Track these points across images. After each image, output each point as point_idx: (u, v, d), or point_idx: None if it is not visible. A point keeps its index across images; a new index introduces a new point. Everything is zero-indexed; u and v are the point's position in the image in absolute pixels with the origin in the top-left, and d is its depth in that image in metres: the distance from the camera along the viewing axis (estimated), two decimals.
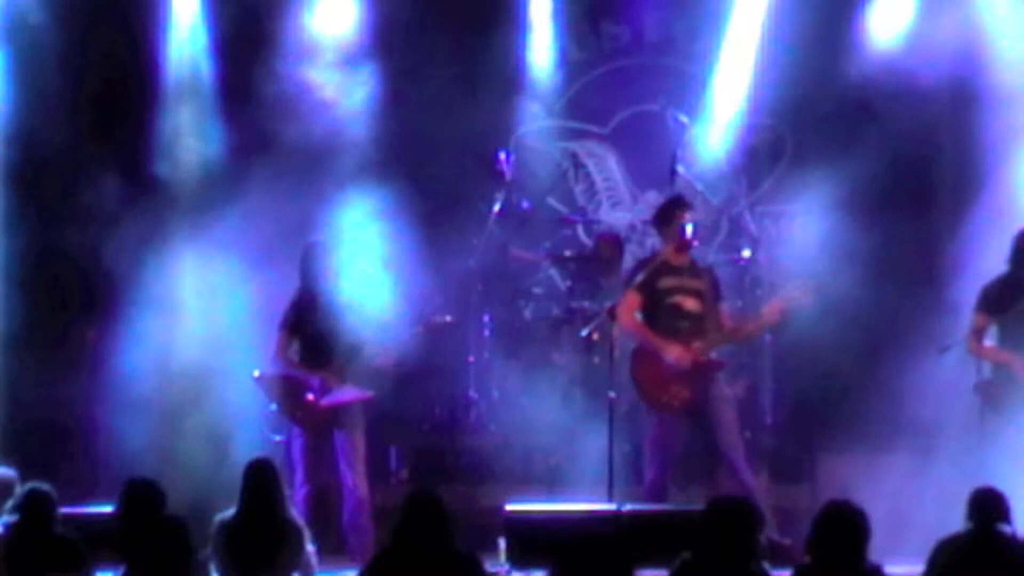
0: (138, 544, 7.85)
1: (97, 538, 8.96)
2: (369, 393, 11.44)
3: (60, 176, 13.08)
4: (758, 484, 11.47)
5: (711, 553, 7.39)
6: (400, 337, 11.53)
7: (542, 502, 11.03)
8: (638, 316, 11.37)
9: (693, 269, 11.46)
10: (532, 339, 13.45)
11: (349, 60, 13.55)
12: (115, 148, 13.18)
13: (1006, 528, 8.26)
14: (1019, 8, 13.25)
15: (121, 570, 7.94)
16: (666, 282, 11.36)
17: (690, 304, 11.35)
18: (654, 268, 11.40)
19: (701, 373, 11.22)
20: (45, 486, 8.95)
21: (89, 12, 13.19)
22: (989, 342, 11.24)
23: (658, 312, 11.35)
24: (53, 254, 12.92)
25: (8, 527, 8.87)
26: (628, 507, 10.62)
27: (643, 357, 11.34)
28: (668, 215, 11.50)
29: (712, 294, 11.42)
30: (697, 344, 11.24)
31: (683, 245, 11.39)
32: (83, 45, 13.19)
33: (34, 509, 8.86)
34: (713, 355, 11.28)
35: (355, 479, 11.29)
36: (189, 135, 13.40)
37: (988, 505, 8.26)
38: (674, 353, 11.20)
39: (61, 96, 13.10)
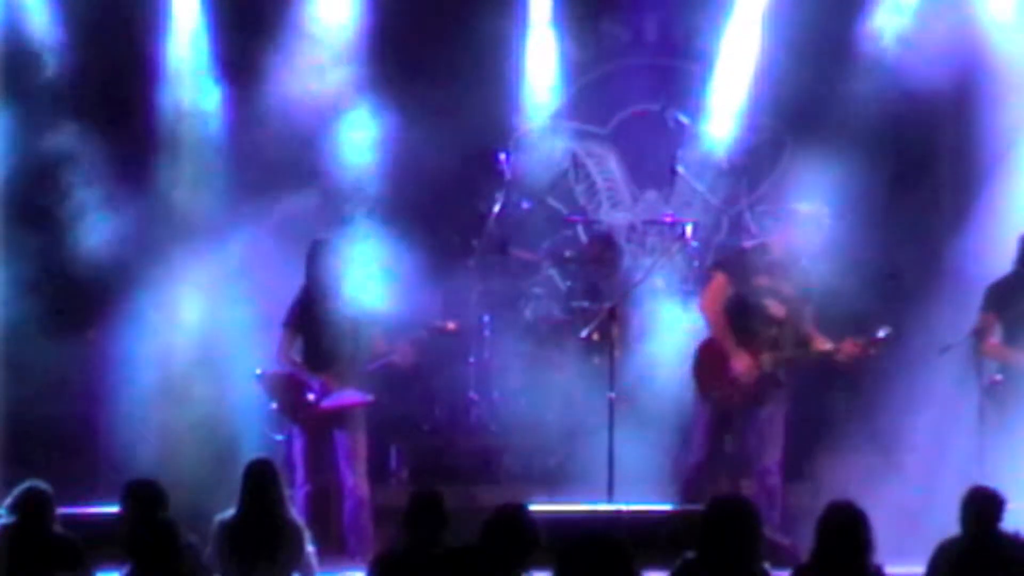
0: (140, 544, 7.87)
1: (98, 538, 8.96)
2: (369, 397, 11.43)
3: (62, 178, 13.07)
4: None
5: (712, 553, 7.39)
6: (402, 340, 11.54)
7: (542, 502, 11.02)
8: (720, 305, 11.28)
9: (790, 271, 11.25)
10: (532, 339, 13.44)
11: (348, 60, 13.55)
12: (117, 151, 13.17)
13: (1006, 529, 8.25)
14: (1019, 8, 13.25)
15: (125, 570, 7.96)
16: (760, 280, 11.22)
17: (775, 309, 11.21)
18: (754, 261, 11.27)
19: (760, 387, 11.17)
20: (42, 485, 8.93)
21: (91, 21, 13.19)
22: (994, 341, 11.25)
23: (741, 308, 11.24)
24: (54, 255, 12.92)
25: (5, 527, 8.85)
26: (629, 508, 10.63)
27: (711, 348, 11.27)
28: (794, 213, 11.36)
29: (802, 299, 11.24)
30: (767, 357, 11.17)
31: (786, 248, 11.25)
32: (83, 49, 13.20)
33: (31, 508, 8.83)
34: (779, 376, 11.18)
35: (355, 479, 11.29)
36: (190, 138, 13.41)
37: (984, 505, 8.25)
38: (741, 365, 11.13)
39: (62, 99, 13.11)
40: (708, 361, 11.26)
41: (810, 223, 11.29)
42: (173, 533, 7.96)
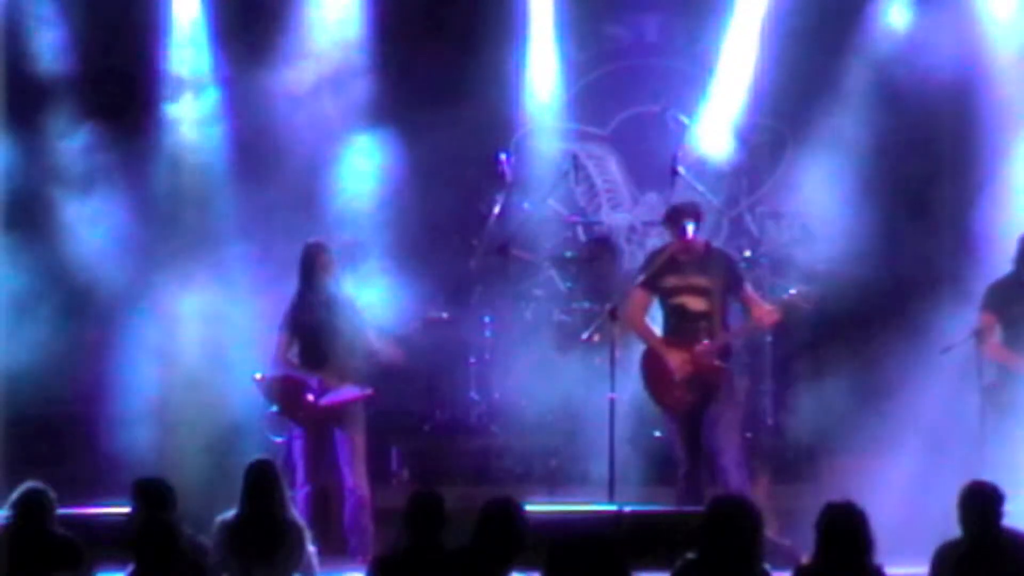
0: (142, 544, 7.88)
1: (99, 538, 8.95)
2: (368, 390, 11.44)
3: (63, 181, 13.09)
4: (754, 488, 11.41)
5: (713, 553, 7.38)
6: (398, 334, 11.55)
7: (543, 503, 11.03)
8: (647, 316, 11.32)
9: (701, 263, 11.27)
10: (533, 340, 13.44)
11: (349, 60, 13.56)
12: (119, 154, 13.18)
13: (1005, 526, 8.24)
14: (1019, 8, 13.26)
15: (129, 569, 7.96)
16: (670, 281, 11.28)
17: (695, 304, 11.24)
18: (660, 264, 11.31)
19: (704, 378, 11.17)
20: (41, 485, 8.88)
21: (92, 22, 13.22)
22: (995, 342, 11.25)
23: (664, 312, 11.31)
24: (56, 257, 12.93)
25: (4, 528, 8.82)
26: (629, 508, 10.63)
27: (650, 359, 11.30)
28: (674, 220, 11.36)
29: (723, 286, 11.23)
30: (700, 348, 11.17)
31: (686, 246, 11.32)
32: (86, 53, 13.23)
33: (30, 508, 8.78)
34: (716, 361, 11.19)
35: (356, 479, 11.30)
36: (192, 140, 13.43)
37: (982, 501, 8.23)
38: (675, 360, 11.16)
39: (64, 104, 13.13)
40: (652, 370, 11.27)
41: (690, 215, 11.26)
42: (174, 534, 7.97)
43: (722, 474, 11.09)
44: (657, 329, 11.40)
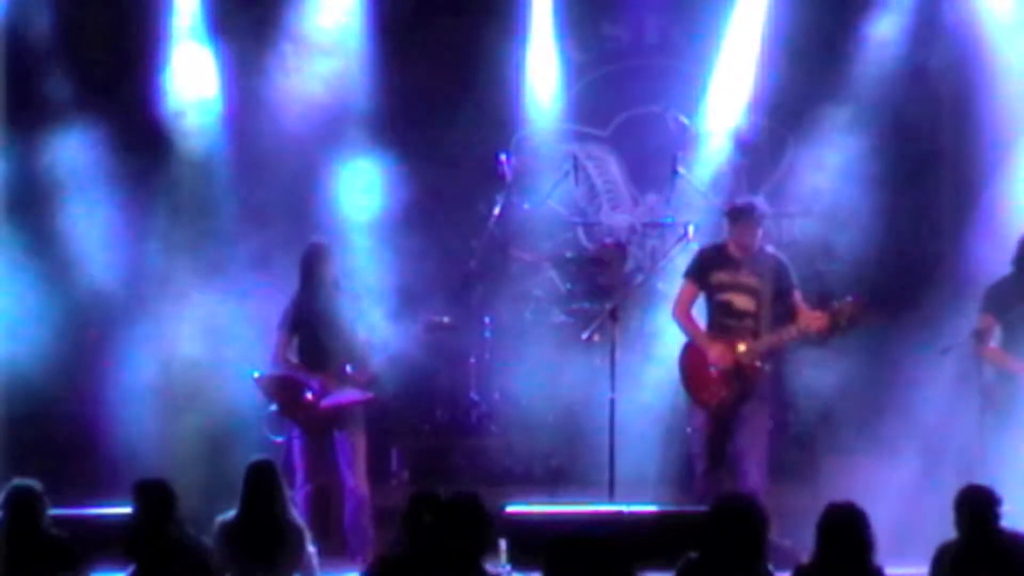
0: (141, 546, 7.86)
1: (98, 539, 8.92)
2: (369, 394, 11.44)
3: (64, 179, 13.10)
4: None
5: (716, 553, 7.38)
6: (397, 338, 11.54)
7: (543, 503, 11.02)
8: (693, 309, 11.28)
9: (754, 262, 11.22)
10: (533, 340, 13.44)
11: (349, 61, 13.57)
12: (118, 154, 13.19)
13: (1004, 527, 8.24)
14: (1019, 8, 13.26)
15: (129, 570, 7.94)
16: (719, 277, 11.23)
17: (741, 302, 11.20)
18: (710, 259, 11.29)
19: (742, 376, 11.15)
20: (30, 482, 8.72)
21: (92, 23, 13.25)
22: (994, 343, 11.24)
23: (710, 308, 11.27)
24: (55, 255, 12.94)
25: None
26: (629, 508, 10.63)
27: (690, 352, 11.28)
28: (739, 216, 11.27)
29: (773, 289, 11.18)
30: (742, 347, 11.15)
31: (740, 244, 11.22)
32: (85, 55, 13.25)
33: (19, 506, 8.61)
34: (758, 362, 11.14)
35: (356, 480, 11.30)
36: (191, 136, 13.44)
37: (976, 504, 8.24)
38: (715, 353, 11.13)
39: (63, 105, 13.15)
40: (691, 365, 11.26)
41: (750, 216, 11.24)
42: (174, 535, 7.95)
43: (743, 475, 11.07)
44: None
